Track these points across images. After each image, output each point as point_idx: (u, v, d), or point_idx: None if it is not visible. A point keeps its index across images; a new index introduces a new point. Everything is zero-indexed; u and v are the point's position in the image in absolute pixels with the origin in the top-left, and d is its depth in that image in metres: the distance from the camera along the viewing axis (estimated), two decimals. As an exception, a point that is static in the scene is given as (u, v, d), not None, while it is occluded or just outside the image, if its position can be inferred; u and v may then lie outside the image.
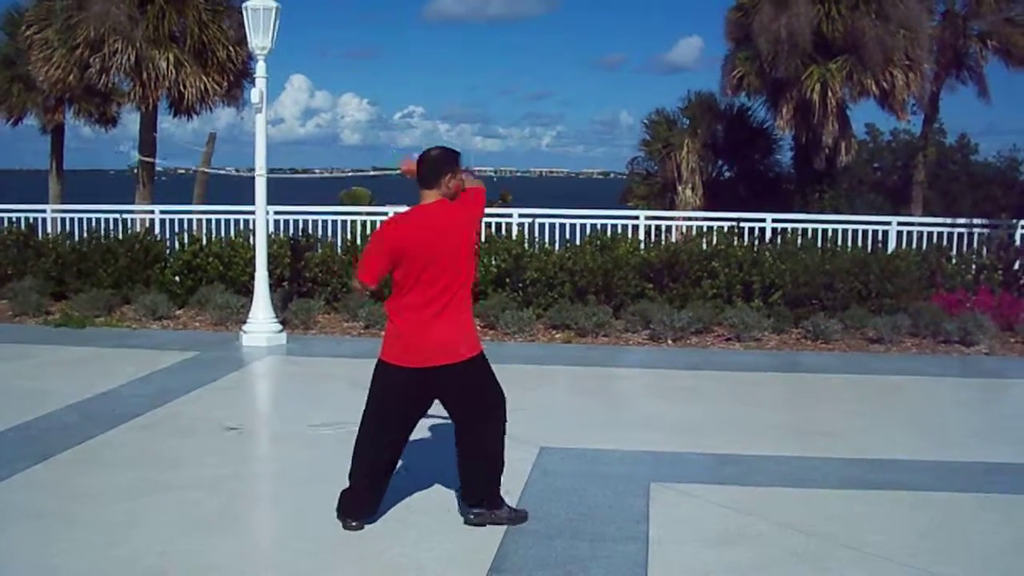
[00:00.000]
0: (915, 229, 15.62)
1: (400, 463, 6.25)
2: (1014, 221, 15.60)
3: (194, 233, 15.84)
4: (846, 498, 6.59)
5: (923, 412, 9.69)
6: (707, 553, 5.75)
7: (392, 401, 5.98)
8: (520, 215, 15.78)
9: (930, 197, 29.73)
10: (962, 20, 24.67)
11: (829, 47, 23.71)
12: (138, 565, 5.49)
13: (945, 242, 15.10)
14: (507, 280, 14.11)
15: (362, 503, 6.13)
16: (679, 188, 26.11)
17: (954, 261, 14.45)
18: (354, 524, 6.06)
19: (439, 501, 6.62)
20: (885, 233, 15.31)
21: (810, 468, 7.34)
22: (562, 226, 15.70)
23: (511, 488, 6.76)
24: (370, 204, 29.03)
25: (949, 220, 16.02)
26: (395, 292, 6.04)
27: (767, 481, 7.10)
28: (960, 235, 15.29)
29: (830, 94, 23.42)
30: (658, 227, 16.07)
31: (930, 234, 15.36)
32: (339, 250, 15.01)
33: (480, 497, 6.12)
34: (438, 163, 5.95)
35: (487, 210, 17.60)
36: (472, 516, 6.11)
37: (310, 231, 15.53)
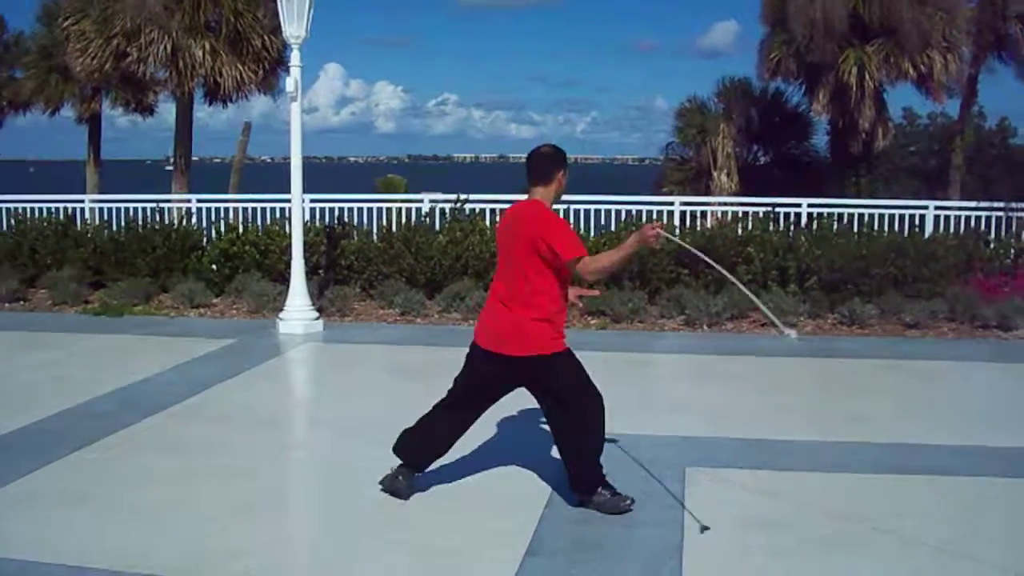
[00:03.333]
0: (952, 213, 15.48)
1: None
2: (1054, 205, 15.44)
3: (230, 222, 15.93)
4: (880, 483, 6.58)
5: (959, 397, 9.64)
6: (741, 537, 5.75)
7: None
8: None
9: (968, 181, 29.44)
10: (1002, 1, 24.40)
11: (865, 30, 23.54)
12: (178, 549, 5.55)
13: (983, 226, 14.96)
14: (542, 266, 14.08)
15: None
16: (714, 174, 26.00)
17: (992, 245, 14.35)
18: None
19: (474, 485, 6.66)
20: (922, 217, 15.20)
21: (845, 453, 7.33)
22: (597, 212, 15.68)
23: (547, 474, 6.80)
24: (405, 191, 29.05)
25: (987, 204, 15.85)
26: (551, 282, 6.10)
27: (801, 466, 7.09)
28: (998, 219, 15.15)
29: (867, 77, 23.25)
30: (693, 213, 16.03)
31: (967, 218, 15.22)
32: (375, 237, 15.06)
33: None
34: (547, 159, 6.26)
35: (522, 196, 17.66)
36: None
37: (346, 219, 15.60)
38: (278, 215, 15.66)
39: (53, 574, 5.23)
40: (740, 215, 15.34)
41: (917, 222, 15.12)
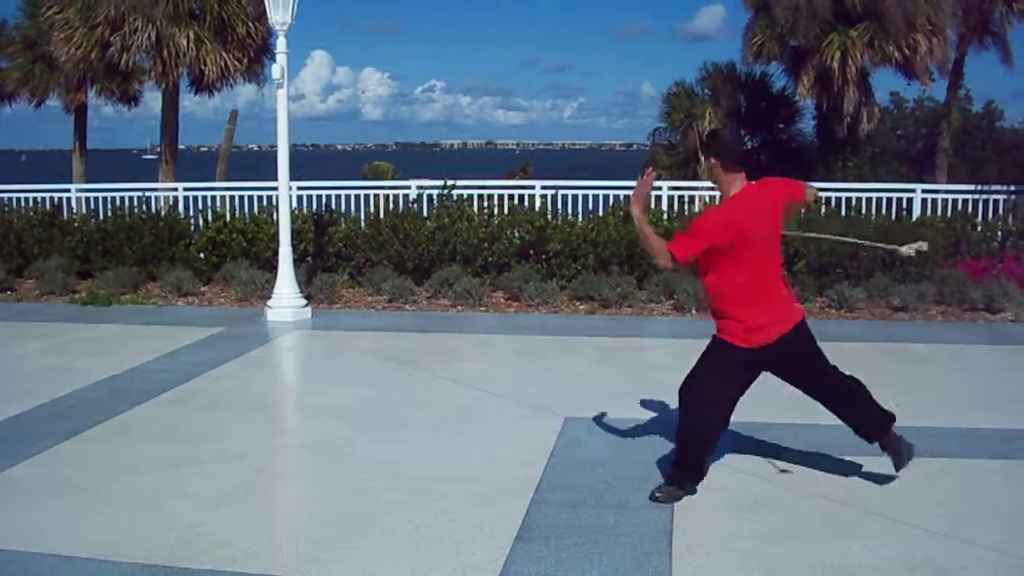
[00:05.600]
0: (940, 196, 15.47)
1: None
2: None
3: (218, 210, 15.90)
4: (873, 465, 6.57)
5: (948, 379, 9.66)
6: (732, 520, 5.76)
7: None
8: (543, 187, 15.74)
9: (955, 164, 29.44)
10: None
11: (849, 14, 23.50)
12: (168, 537, 5.54)
13: (970, 209, 14.97)
14: (530, 252, 14.12)
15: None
16: (702, 158, 25.98)
17: (979, 228, 14.37)
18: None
19: (463, 471, 6.65)
20: (910, 201, 15.20)
21: (836, 436, 7.31)
22: (585, 197, 15.67)
23: (537, 459, 6.81)
24: (392, 178, 29.02)
25: (974, 187, 15.84)
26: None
27: (793, 449, 7.11)
28: (986, 202, 15.15)
29: (850, 62, 23.20)
30: (681, 197, 16.02)
31: (955, 201, 15.22)
32: (363, 224, 15.05)
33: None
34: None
35: (511, 182, 17.63)
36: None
37: (333, 206, 15.58)
38: (265, 203, 15.63)
39: (41, 564, 5.22)
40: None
41: (905, 205, 15.12)
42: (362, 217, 15.46)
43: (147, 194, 16.37)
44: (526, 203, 15.28)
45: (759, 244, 5.87)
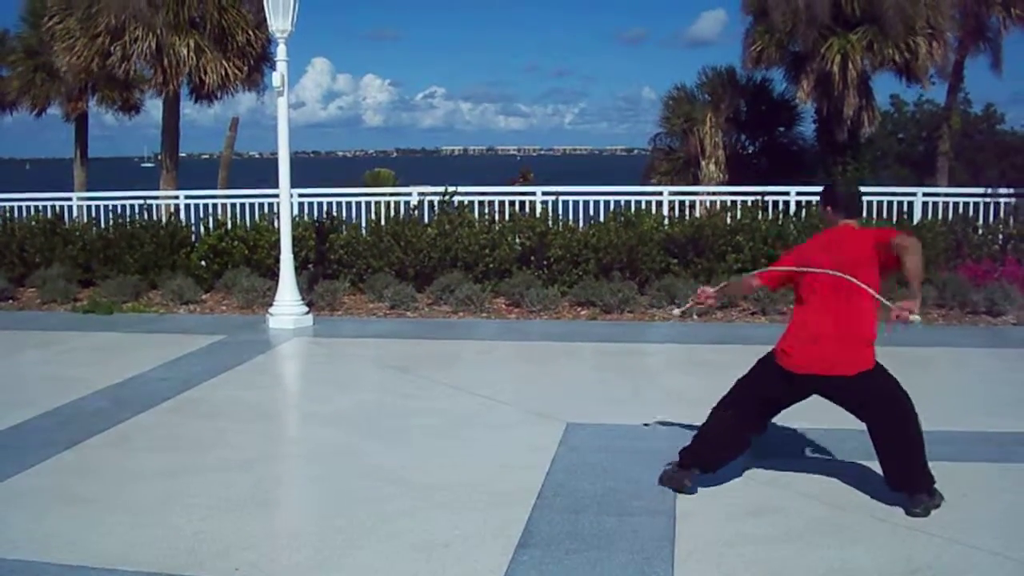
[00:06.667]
0: (941, 200, 15.48)
1: None
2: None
3: (219, 218, 15.91)
4: (872, 470, 6.58)
5: (949, 383, 9.65)
6: (733, 525, 5.76)
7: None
8: (544, 193, 15.76)
9: (956, 168, 29.43)
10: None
11: (848, 18, 23.50)
12: (171, 545, 5.54)
13: (971, 212, 14.97)
14: (531, 258, 14.13)
15: None
16: (702, 163, 25.97)
17: (980, 231, 14.37)
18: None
19: (467, 478, 6.65)
20: (910, 204, 15.20)
21: (836, 440, 7.33)
22: (586, 203, 15.67)
23: (539, 465, 6.81)
24: (394, 185, 29.01)
25: (975, 190, 15.84)
26: None
27: (793, 453, 7.12)
28: (987, 205, 15.15)
29: (851, 65, 23.19)
30: (682, 202, 16.03)
31: (956, 204, 15.22)
32: (364, 231, 15.06)
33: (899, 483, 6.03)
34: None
35: (512, 188, 17.64)
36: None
37: (334, 213, 15.58)
38: (266, 210, 15.64)
39: (45, 573, 5.22)
40: (729, 204, 15.34)
41: (905, 209, 15.12)
42: (363, 224, 15.47)
43: (148, 202, 16.38)
44: (527, 209, 15.29)
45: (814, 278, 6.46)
